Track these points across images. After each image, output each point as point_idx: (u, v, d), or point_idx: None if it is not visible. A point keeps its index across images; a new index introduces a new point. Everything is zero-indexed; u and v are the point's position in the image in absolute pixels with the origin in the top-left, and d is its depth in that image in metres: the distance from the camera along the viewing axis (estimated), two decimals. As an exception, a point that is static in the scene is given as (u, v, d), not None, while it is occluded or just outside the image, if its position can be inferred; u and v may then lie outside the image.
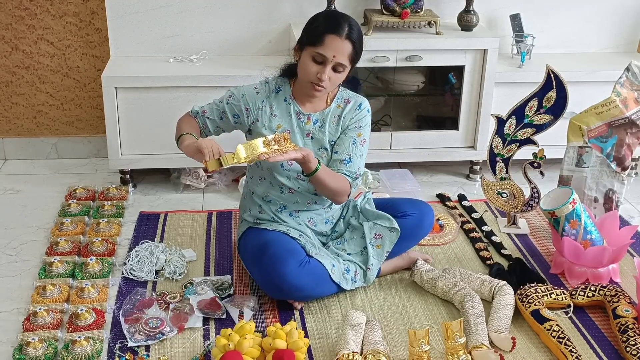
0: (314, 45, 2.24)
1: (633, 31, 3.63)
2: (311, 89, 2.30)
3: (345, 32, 2.24)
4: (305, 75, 2.28)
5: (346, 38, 2.24)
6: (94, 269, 2.53)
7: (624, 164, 2.84)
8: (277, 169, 2.38)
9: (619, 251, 2.54)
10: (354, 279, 2.43)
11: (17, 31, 3.30)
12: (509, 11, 3.43)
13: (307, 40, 2.28)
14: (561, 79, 2.71)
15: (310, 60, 2.26)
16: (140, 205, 3.11)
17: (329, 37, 2.23)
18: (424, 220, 2.56)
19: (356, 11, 3.36)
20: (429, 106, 3.60)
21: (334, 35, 2.23)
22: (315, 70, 2.26)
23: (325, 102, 2.42)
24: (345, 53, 2.25)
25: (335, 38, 2.23)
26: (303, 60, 2.29)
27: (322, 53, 2.23)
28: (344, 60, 2.26)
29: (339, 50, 2.23)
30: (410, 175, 3.30)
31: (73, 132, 3.55)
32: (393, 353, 2.19)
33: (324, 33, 2.23)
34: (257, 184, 2.47)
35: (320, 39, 2.23)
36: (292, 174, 2.40)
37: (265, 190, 2.45)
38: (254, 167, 2.45)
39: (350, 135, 2.39)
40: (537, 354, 2.20)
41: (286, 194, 2.43)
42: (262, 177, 2.45)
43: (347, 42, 2.24)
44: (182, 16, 3.28)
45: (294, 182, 2.41)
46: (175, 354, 2.17)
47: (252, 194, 2.49)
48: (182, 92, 3.09)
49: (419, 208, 2.57)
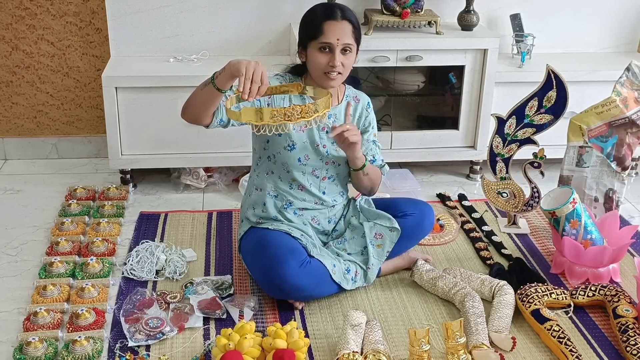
0: (316, 38, 2.28)
1: (633, 31, 3.63)
2: (327, 80, 2.31)
3: (340, 14, 2.29)
4: (318, 69, 2.30)
5: (343, 19, 2.29)
6: (94, 269, 2.53)
7: (624, 163, 2.84)
8: (294, 163, 2.39)
9: (619, 251, 2.54)
10: (354, 279, 2.43)
11: (17, 31, 3.30)
12: (509, 11, 3.44)
13: (307, 36, 2.31)
14: (561, 78, 2.71)
15: (318, 52, 2.29)
16: (141, 205, 3.11)
17: (326, 23, 2.27)
18: (424, 220, 2.57)
19: (356, 11, 3.32)
20: (429, 106, 3.60)
21: (331, 20, 2.28)
22: (325, 60, 2.28)
23: (337, 98, 2.45)
24: (348, 33, 2.29)
25: (333, 22, 2.28)
26: (311, 56, 2.31)
27: (326, 41, 2.27)
28: (349, 39, 2.29)
29: (341, 32, 2.28)
30: (411, 175, 3.30)
31: (73, 132, 3.55)
32: (393, 353, 2.18)
33: (321, 22, 2.28)
34: (265, 178, 2.46)
35: (320, 29, 2.27)
36: (308, 169, 2.41)
37: (272, 184, 2.44)
38: (264, 160, 2.44)
39: (369, 138, 2.52)
40: (537, 353, 2.20)
41: (295, 190, 2.43)
42: (270, 171, 2.44)
43: (346, 22, 2.29)
44: (182, 16, 3.28)
45: (308, 178, 2.42)
46: (175, 353, 2.17)
47: (258, 190, 2.48)
48: (182, 92, 3.05)
49: (420, 208, 2.58)
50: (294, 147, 2.37)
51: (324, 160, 2.43)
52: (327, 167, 2.44)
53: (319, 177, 2.43)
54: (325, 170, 2.44)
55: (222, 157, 3.19)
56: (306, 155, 2.39)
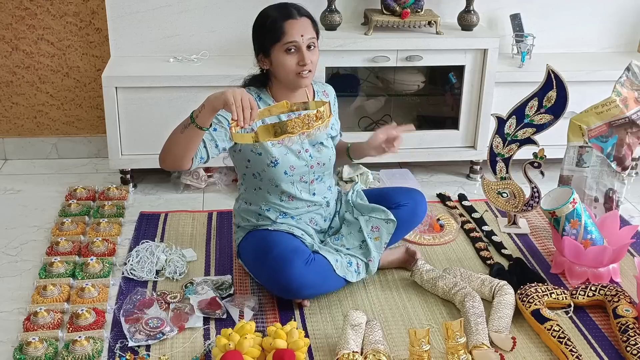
0: (279, 40, 2.25)
1: (633, 31, 3.63)
2: (299, 79, 2.29)
3: (296, 12, 2.28)
4: (288, 72, 2.27)
5: (300, 16, 2.28)
6: (95, 269, 2.53)
7: (624, 163, 2.84)
8: (280, 177, 2.37)
9: (620, 251, 2.54)
10: (357, 271, 2.43)
11: (17, 31, 3.30)
12: (509, 11, 3.43)
13: (269, 40, 2.27)
14: (561, 78, 2.71)
15: (285, 54, 2.26)
16: (141, 205, 3.11)
17: (287, 23, 2.25)
18: (417, 208, 2.59)
19: (356, 11, 3.36)
20: (429, 106, 3.60)
21: (290, 20, 2.26)
22: (294, 61, 2.26)
23: (306, 97, 2.40)
24: (309, 28, 2.29)
25: (292, 22, 2.26)
26: (277, 60, 2.27)
27: (291, 40, 2.24)
28: (312, 34, 2.29)
29: (302, 29, 2.26)
30: (411, 174, 3.30)
31: (73, 132, 3.55)
32: (393, 353, 2.18)
33: (282, 23, 2.25)
34: (253, 193, 2.45)
35: (281, 30, 2.24)
36: (295, 178, 2.40)
37: (262, 200, 2.43)
38: (250, 177, 2.42)
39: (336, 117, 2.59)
40: (537, 353, 2.20)
41: (286, 201, 2.43)
42: (258, 187, 2.42)
43: (304, 18, 2.29)
44: (182, 16, 3.28)
45: (297, 186, 2.41)
46: (175, 353, 2.17)
47: (248, 204, 2.47)
48: (182, 92, 3.09)
49: (412, 197, 2.60)
50: (277, 162, 2.34)
51: (309, 165, 2.41)
52: (313, 171, 2.43)
53: (307, 181, 2.42)
54: (312, 173, 2.43)
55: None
56: (291, 167, 2.36)
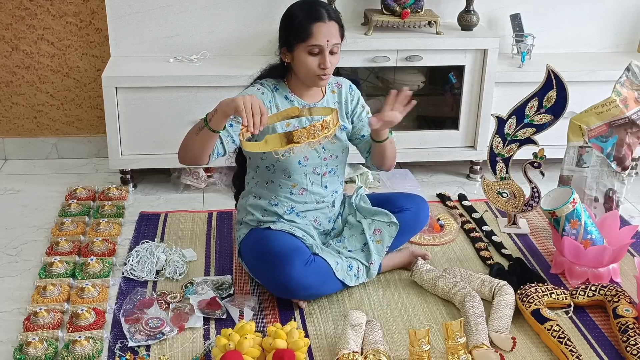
0: (305, 41, 2.26)
1: (633, 31, 3.63)
2: (317, 80, 2.32)
3: (326, 15, 2.27)
4: (309, 71, 2.30)
5: (329, 19, 2.28)
6: (95, 269, 2.53)
7: (624, 163, 2.84)
8: (294, 168, 2.38)
9: (620, 251, 2.54)
10: (357, 275, 2.44)
11: (17, 31, 3.30)
12: (509, 11, 3.43)
13: (294, 39, 2.28)
14: (561, 78, 2.71)
15: (307, 55, 2.27)
16: (141, 205, 3.11)
17: (315, 26, 2.25)
18: (420, 213, 2.60)
19: (356, 11, 3.36)
20: (429, 106, 3.60)
21: (319, 22, 2.26)
22: (316, 63, 2.28)
23: (320, 90, 2.45)
24: (335, 33, 2.29)
25: (321, 24, 2.26)
26: (299, 59, 2.29)
27: (316, 43, 2.25)
28: (337, 40, 2.30)
29: (330, 34, 2.26)
30: (411, 175, 3.30)
31: (73, 132, 3.55)
32: (393, 353, 2.18)
33: (310, 24, 2.25)
34: (264, 188, 2.46)
35: (308, 32, 2.25)
36: (309, 169, 2.41)
37: (273, 193, 2.44)
38: (263, 170, 2.44)
39: (364, 116, 2.52)
40: (537, 353, 2.20)
41: (296, 195, 2.43)
42: (270, 181, 2.44)
43: (332, 23, 2.28)
44: (182, 16, 3.28)
45: (310, 177, 2.42)
46: (175, 353, 2.17)
47: (257, 198, 2.48)
48: (182, 92, 3.09)
49: (415, 202, 2.61)
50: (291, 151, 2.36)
51: (322, 157, 2.43)
52: (326, 163, 2.44)
53: (319, 174, 2.44)
54: (325, 165, 2.44)
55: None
56: (305, 157, 2.39)
